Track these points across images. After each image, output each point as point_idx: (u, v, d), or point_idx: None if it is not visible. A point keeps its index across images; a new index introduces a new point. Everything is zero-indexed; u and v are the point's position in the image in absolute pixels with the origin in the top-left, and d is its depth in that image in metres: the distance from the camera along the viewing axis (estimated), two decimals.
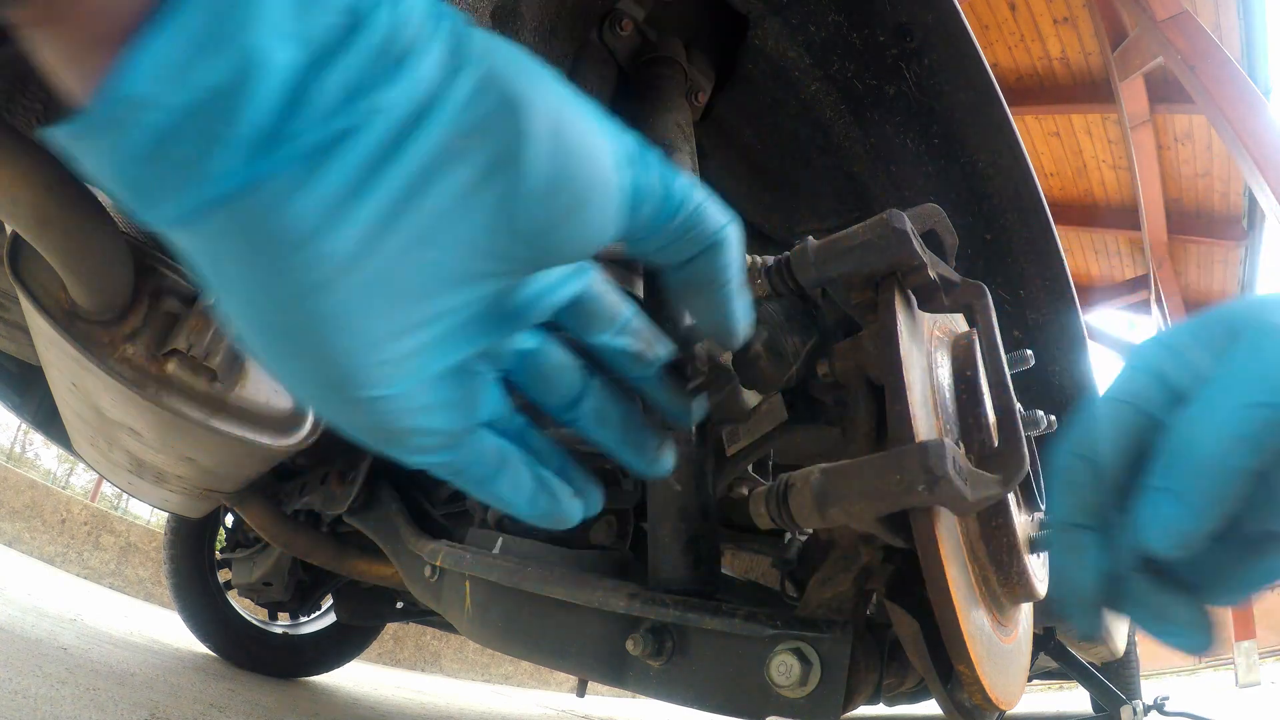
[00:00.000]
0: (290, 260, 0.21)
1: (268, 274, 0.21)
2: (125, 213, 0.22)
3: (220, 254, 0.21)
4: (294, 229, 0.20)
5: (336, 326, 0.22)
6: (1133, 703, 2.01)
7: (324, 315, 0.22)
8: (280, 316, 0.22)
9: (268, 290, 0.22)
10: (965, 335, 0.60)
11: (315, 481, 1.29)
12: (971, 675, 0.48)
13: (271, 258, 0.21)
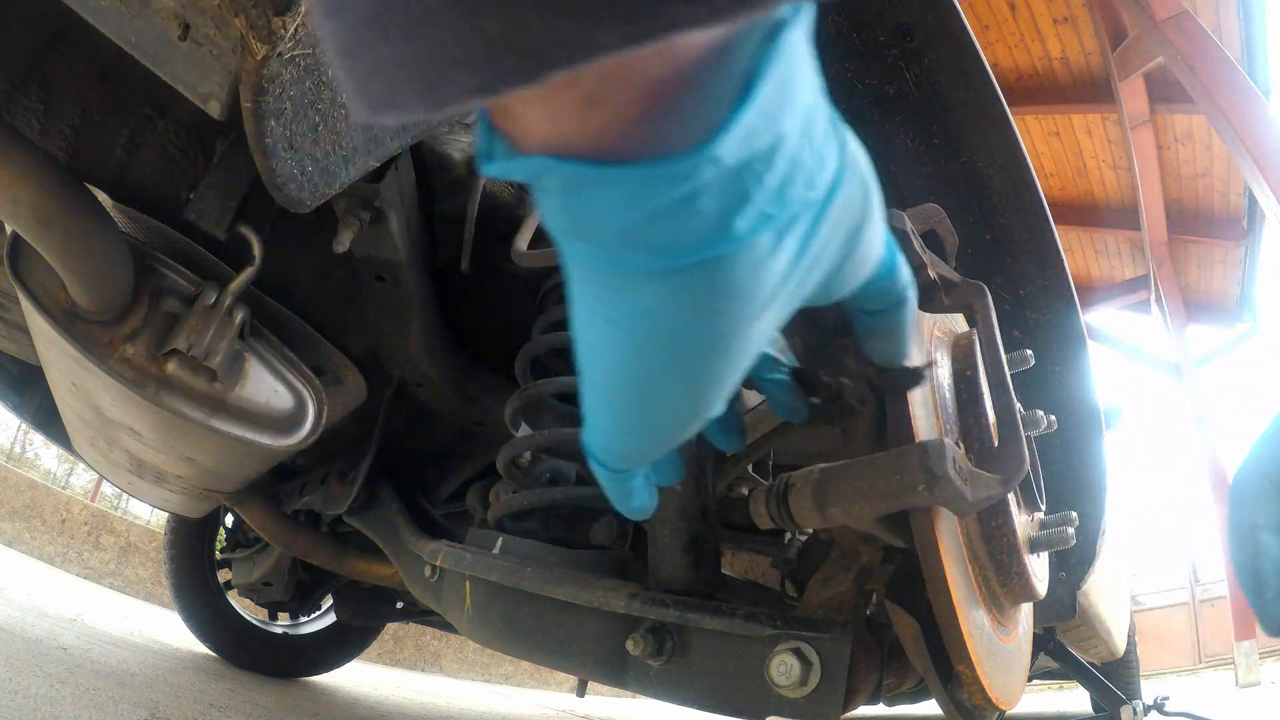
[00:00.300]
0: (734, 308, 0.24)
1: (711, 319, 0.24)
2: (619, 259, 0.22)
3: (679, 300, 0.23)
4: (752, 284, 0.23)
5: (738, 361, 0.26)
6: (1133, 703, 2.01)
7: (737, 353, 0.26)
8: (701, 357, 0.25)
9: (703, 332, 0.24)
10: (965, 335, 0.60)
11: (315, 481, 1.29)
12: (971, 675, 0.48)
13: (723, 305, 0.23)
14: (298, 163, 0.51)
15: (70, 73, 0.76)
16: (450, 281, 1.00)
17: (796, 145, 0.22)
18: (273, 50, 0.43)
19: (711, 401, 0.28)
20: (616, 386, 0.28)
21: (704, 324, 0.24)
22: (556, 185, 0.20)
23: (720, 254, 0.22)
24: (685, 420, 0.29)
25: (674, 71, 0.18)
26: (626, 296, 0.23)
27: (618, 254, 0.22)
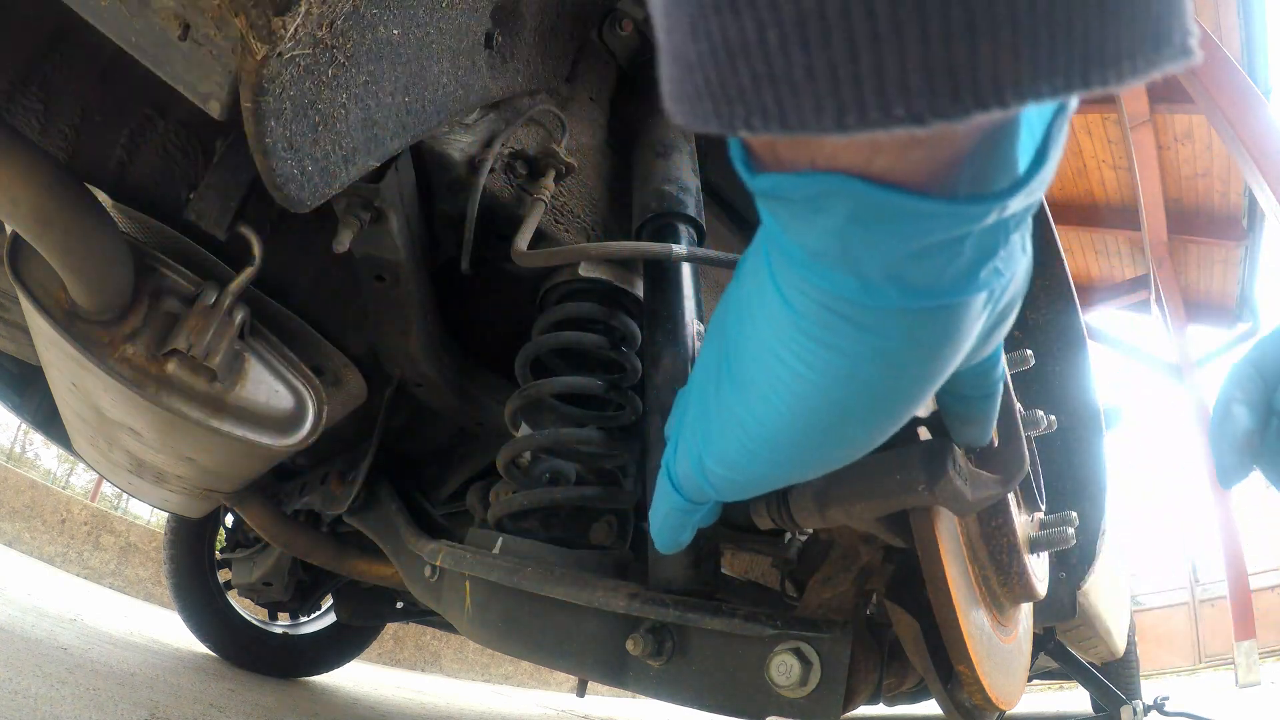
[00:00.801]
0: (950, 354, 0.25)
1: (930, 361, 0.25)
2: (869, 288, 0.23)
3: (915, 338, 0.24)
4: (968, 334, 0.25)
5: (920, 404, 0.27)
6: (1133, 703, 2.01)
7: (922, 397, 0.27)
8: (903, 394, 0.26)
9: (918, 372, 0.25)
10: None
11: (315, 481, 1.29)
12: (971, 675, 0.48)
13: (945, 349, 0.25)
14: (298, 163, 0.51)
15: (70, 73, 0.76)
16: (450, 281, 1.00)
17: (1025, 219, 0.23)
18: (273, 50, 0.43)
19: (877, 440, 0.29)
20: (802, 418, 0.27)
21: (925, 361, 0.25)
22: (843, 208, 0.20)
23: (961, 300, 0.23)
24: (842, 458, 0.30)
25: (1001, 125, 0.19)
26: (862, 328, 0.23)
27: (877, 286, 0.22)
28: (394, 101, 0.57)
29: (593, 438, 0.83)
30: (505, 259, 0.89)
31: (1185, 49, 0.15)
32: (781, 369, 0.26)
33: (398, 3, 0.52)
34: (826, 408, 0.26)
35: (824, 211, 0.21)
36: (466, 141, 0.81)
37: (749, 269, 0.28)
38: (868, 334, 0.23)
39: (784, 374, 0.26)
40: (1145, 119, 5.99)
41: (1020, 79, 0.14)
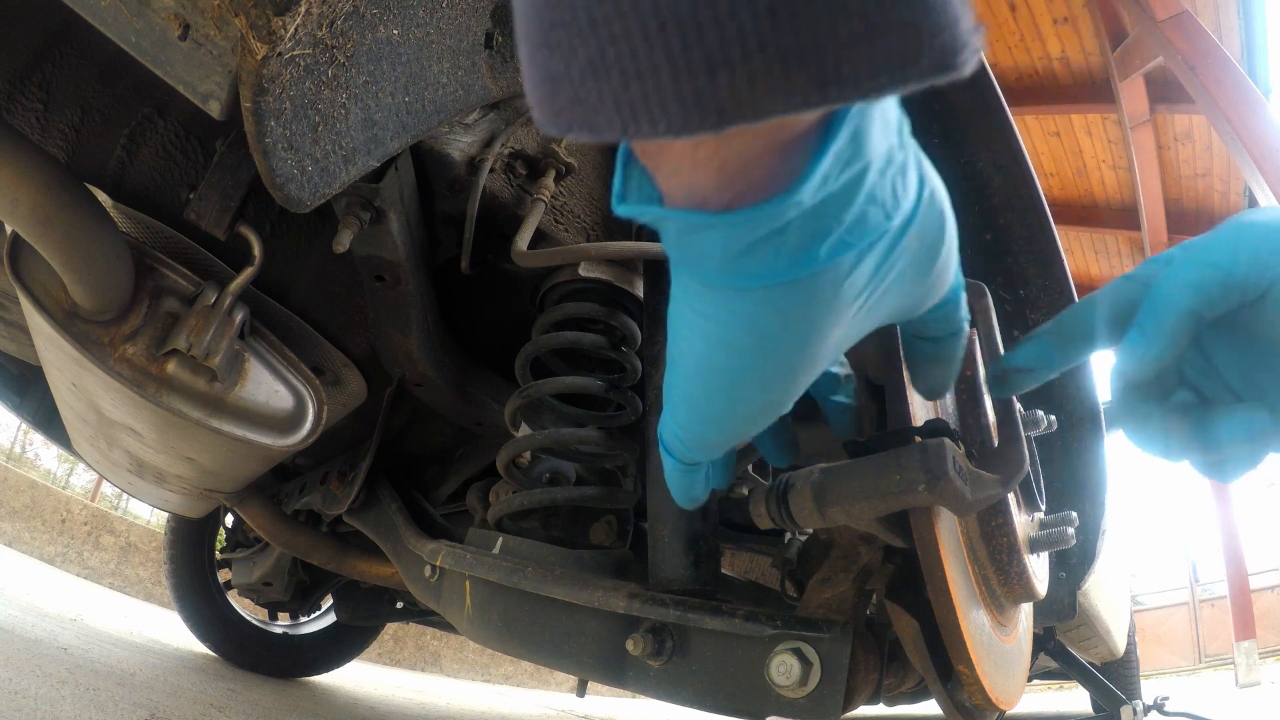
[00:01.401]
0: (814, 317, 0.28)
1: (793, 325, 0.28)
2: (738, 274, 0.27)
3: (768, 309, 0.27)
4: (833, 297, 0.27)
5: (813, 364, 0.31)
6: (1133, 703, 2.01)
7: (812, 357, 0.30)
8: (781, 356, 0.29)
9: (786, 335, 0.28)
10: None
11: (315, 481, 1.29)
12: (971, 675, 0.48)
13: (805, 314, 0.28)
14: (298, 163, 0.51)
15: (70, 73, 0.76)
16: (450, 281, 1.00)
17: (874, 183, 0.26)
18: (273, 50, 0.43)
19: (784, 399, 0.33)
20: (705, 378, 0.32)
21: (787, 329, 0.28)
22: (671, 229, 0.25)
23: (804, 275, 0.26)
24: (758, 413, 0.33)
25: (773, 138, 0.22)
26: (723, 304, 0.28)
27: (718, 277, 0.26)
28: (394, 101, 0.57)
29: (593, 438, 0.83)
30: (505, 259, 0.89)
31: (942, 65, 0.18)
32: (683, 340, 0.31)
33: (398, 3, 0.52)
34: (720, 370, 0.31)
35: (663, 231, 0.26)
36: (466, 141, 0.81)
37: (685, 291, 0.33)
38: (725, 305, 0.28)
39: (684, 344, 0.31)
40: (1145, 119, 5.99)
41: (759, 101, 0.17)
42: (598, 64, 0.18)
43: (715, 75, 0.17)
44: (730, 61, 0.17)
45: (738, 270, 0.26)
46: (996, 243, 0.87)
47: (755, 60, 0.17)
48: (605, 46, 0.17)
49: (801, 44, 0.17)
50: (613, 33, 0.17)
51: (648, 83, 0.17)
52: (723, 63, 0.17)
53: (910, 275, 0.31)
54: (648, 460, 0.75)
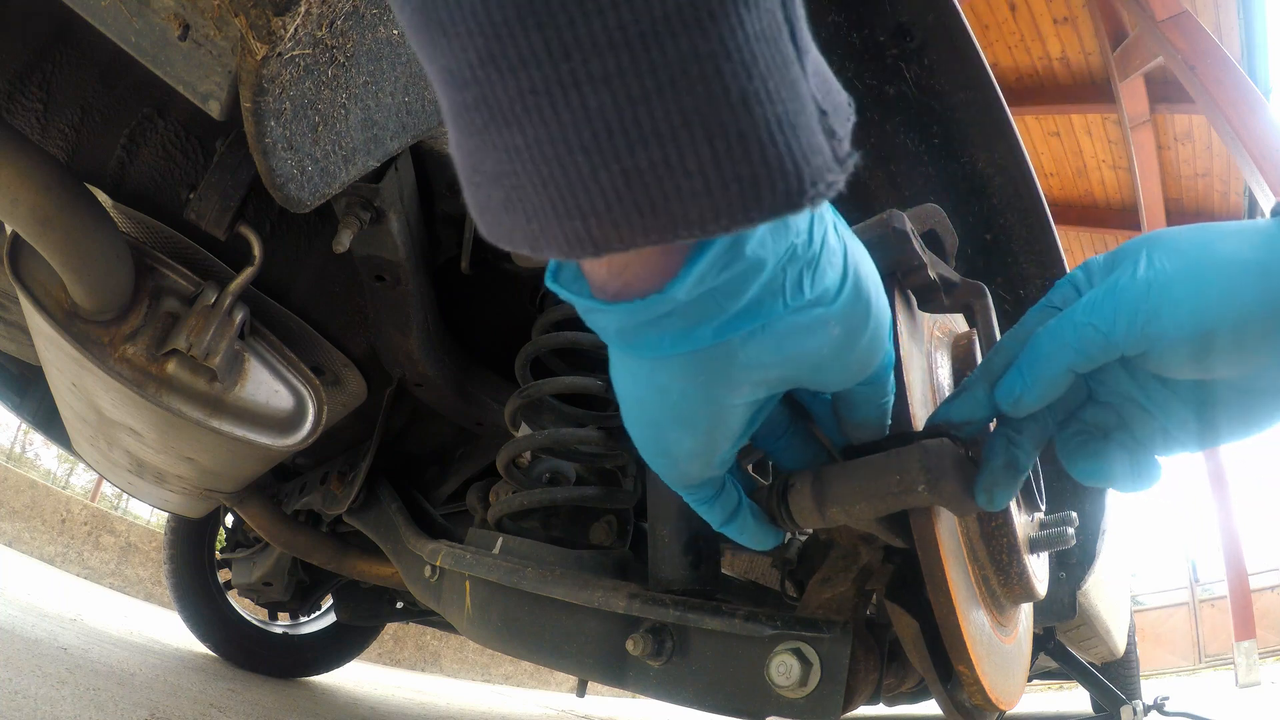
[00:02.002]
0: (705, 379, 0.32)
1: (689, 384, 0.33)
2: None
3: (663, 372, 0.32)
4: (727, 366, 0.32)
5: (719, 417, 0.35)
6: (1133, 703, 2.01)
7: (714, 411, 0.34)
8: (688, 411, 0.34)
9: (689, 397, 0.33)
10: (965, 335, 0.60)
11: (315, 481, 1.29)
12: (971, 675, 0.48)
13: (696, 377, 0.32)
14: (297, 163, 0.51)
15: (70, 73, 0.76)
16: (450, 281, 1.00)
17: (771, 276, 0.30)
18: (273, 50, 0.43)
19: (711, 446, 0.37)
20: (636, 425, 0.37)
21: (686, 390, 0.33)
22: (583, 309, 0.30)
23: (689, 350, 0.31)
24: (692, 455, 0.37)
25: (651, 250, 0.27)
26: (630, 365, 0.33)
27: (620, 345, 0.32)
28: (394, 101, 0.57)
29: (593, 438, 0.83)
30: (505, 259, 0.89)
31: (785, 207, 0.21)
32: (619, 391, 0.36)
33: None
34: (643, 420, 0.36)
35: (580, 310, 0.31)
36: None
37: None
38: (635, 369, 0.33)
39: (620, 395, 0.36)
40: (1145, 119, 5.99)
41: (623, 238, 0.22)
42: (507, 204, 0.23)
43: (586, 220, 0.21)
44: (597, 211, 0.21)
45: (631, 344, 0.31)
46: (996, 243, 0.87)
47: (616, 210, 0.21)
48: (509, 193, 0.22)
49: (651, 198, 0.20)
50: (513, 184, 0.22)
51: (540, 222, 0.22)
52: (591, 212, 0.21)
53: (830, 352, 0.35)
54: None
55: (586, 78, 0.19)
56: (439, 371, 1.03)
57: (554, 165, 0.20)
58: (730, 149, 0.20)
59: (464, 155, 0.23)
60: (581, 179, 0.20)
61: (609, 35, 0.19)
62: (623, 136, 0.20)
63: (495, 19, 0.19)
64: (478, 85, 0.20)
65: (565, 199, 0.21)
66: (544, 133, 0.20)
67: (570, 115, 0.20)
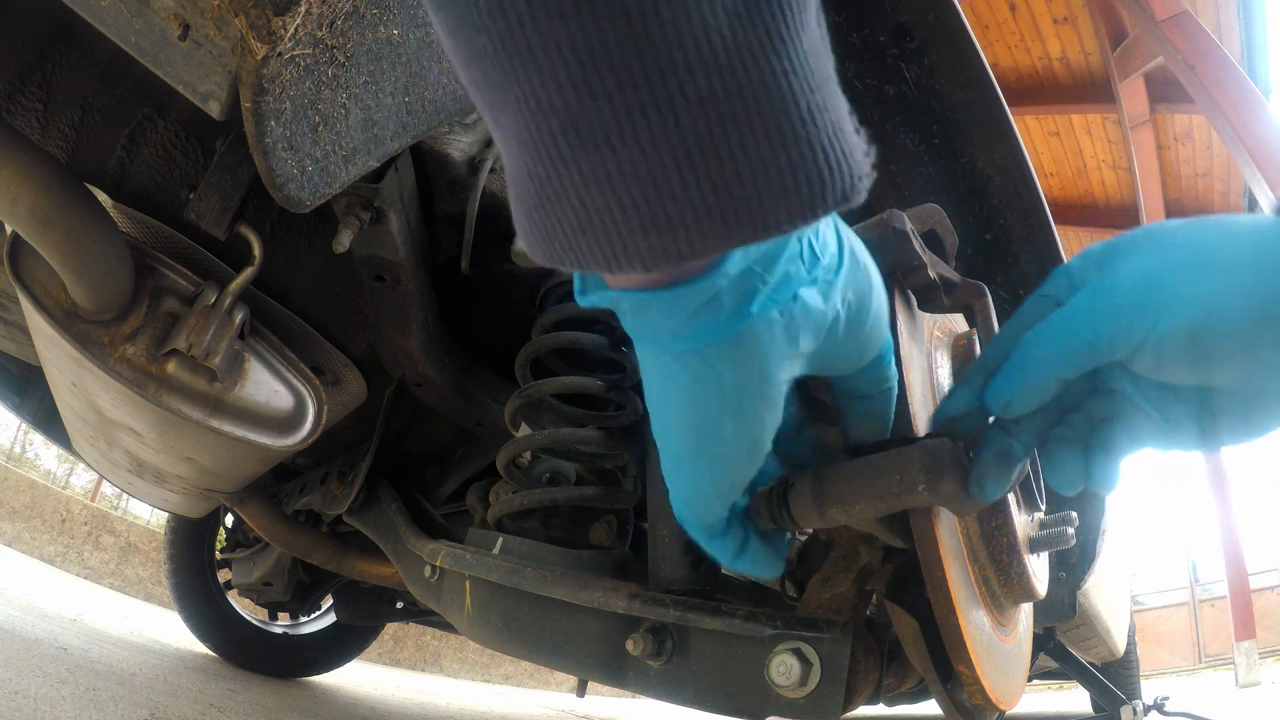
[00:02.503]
0: (759, 361, 0.33)
1: (744, 369, 0.33)
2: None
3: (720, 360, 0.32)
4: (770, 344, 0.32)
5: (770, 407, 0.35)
6: (1133, 703, 2.01)
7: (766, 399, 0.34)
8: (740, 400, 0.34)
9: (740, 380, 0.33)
10: (965, 335, 0.60)
11: (315, 481, 1.29)
12: (971, 675, 0.48)
13: (751, 359, 0.32)
14: (297, 163, 0.51)
15: (70, 73, 0.76)
16: (450, 281, 1.00)
17: (791, 247, 0.31)
18: (273, 50, 0.43)
19: (755, 439, 0.36)
20: (684, 436, 0.36)
21: (741, 376, 0.33)
22: (626, 309, 0.31)
23: (743, 328, 0.31)
24: (739, 456, 0.37)
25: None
26: (684, 366, 0.33)
27: (673, 342, 0.32)
28: (394, 101, 0.57)
29: (593, 438, 0.83)
30: (505, 259, 0.89)
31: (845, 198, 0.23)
32: (657, 407, 0.36)
33: (398, 3, 0.52)
34: (694, 420, 0.35)
35: (621, 313, 0.31)
36: (466, 141, 0.81)
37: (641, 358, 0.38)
38: (691, 367, 0.33)
39: (660, 410, 0.36)
40: (1145, 119, 5.99)
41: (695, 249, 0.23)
42: (584, 226, 0.23)
43: (675, 233, 0.23)
44: (687, 224, 0.22)
45: (686, 334, 0.31)
46: (996, 243, 0.87)
47: (705, 222, 0.22)
48: (591, 215, 0.23)
49: (737, 206, 0.22)
50: (597, 206, 0.23)
51: (624, 239, 0.23)
52: (681, 225, 0.22)
53: (846, 327, 0.36)
54: (648, 460, 0.75)
55: (682, 100, 0.21)
56: (439, 371, 1.03)
57: (647, 184, 0.22)
58: (802, 155, 0.22)
59: (536, 183, 0.23)
60: (673, 195, 0.22)
61: (702, 59, 0.20)
62: (713, 152, 0.21)
63: (594, 46, 0.20)
64: (568, 111, 0.21)
65: (656, 215, 0.22)
66: (638, 154, 0.21)
67: (665, 136, 0.21)
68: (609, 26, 0.20)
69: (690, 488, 0.39)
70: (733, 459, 0.37)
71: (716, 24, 0.20)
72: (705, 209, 0.22)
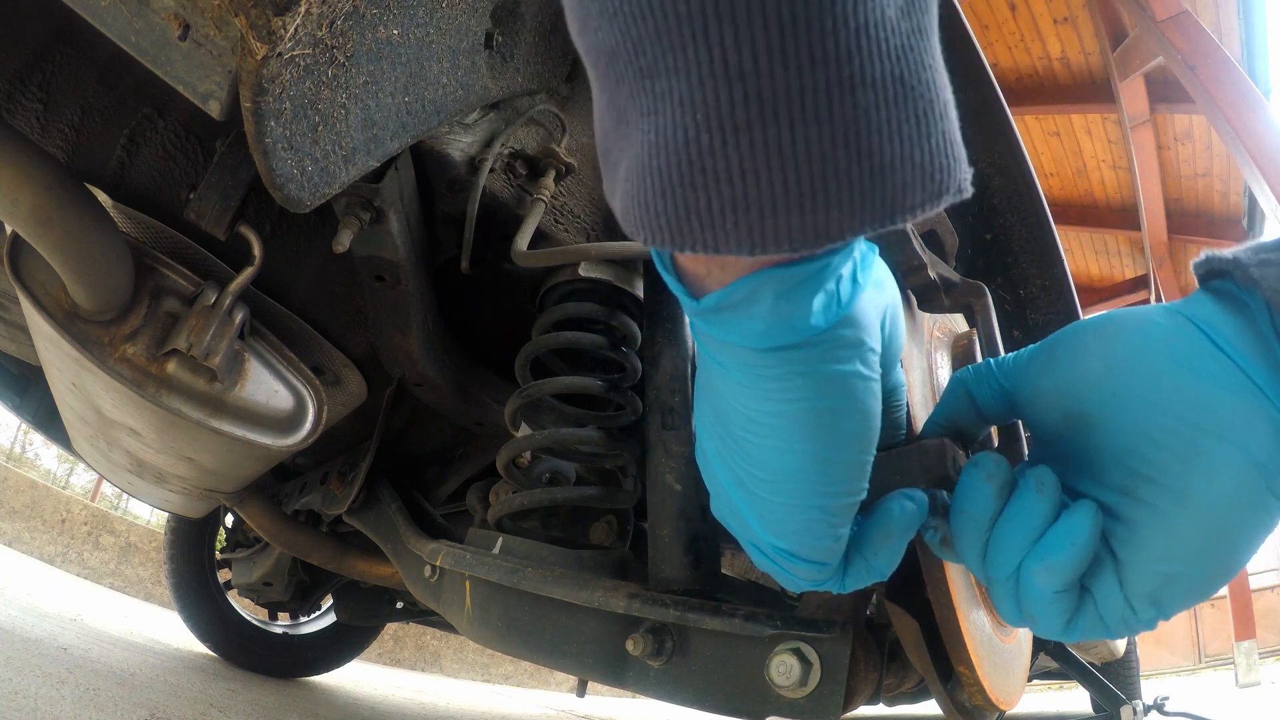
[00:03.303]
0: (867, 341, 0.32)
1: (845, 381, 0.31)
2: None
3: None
4: (866, 333, 0.32)
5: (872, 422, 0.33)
6: (1133, 703, 2.01)
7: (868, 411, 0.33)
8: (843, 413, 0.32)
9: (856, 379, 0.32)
10: (965, 335, 0.60)
11: (315, 481, 1.29)
12: (971, 676, 0.48)
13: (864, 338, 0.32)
14: (297, 163, 0.51)
15: (70, 73, 0.76)
16: (450, 281, 1.00)
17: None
18: (273, 50, 0.43)
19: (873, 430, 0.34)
20: (791, 459, 0.33)
21: (856, 376, 0.32)
22: (771, 290, 0.29)
23: (840, 318, 0.30)
24: (848, 477, 0.34)
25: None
26: (813, 369, 0.31)
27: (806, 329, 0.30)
28: (394, 101, 0.57)
29: (593, 438, 0.83)
30: (505, 259, 0.89)
31: (960, 189, 0.24)
32: (752, 436, 0.33)
33: (398, 3, 0.52)
34: (802, 441, 0.32)
35: (757, 300, 0.29)
36: (466, 141, 0.81)
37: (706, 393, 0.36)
38: (816, 372, 0.31)
39: (756, 439, 0.33)
40: (1145, 119, 5.98)
41: (853, 228, 0.23)
42: (735, 203, 0.23)
43: (830, 211, 0.23)
44: (841, 202, 0.22)
45: (765, 332, 0.30)
46: (996, 243, 0.87)
47: (858, 201, 0.22)
48: (747, 190, 0.22)
49: (885, 189, 0.23)
50: (759, 180, 0.22)
51: (777, 218, 0.23)
52: (836, 203, 0.22)
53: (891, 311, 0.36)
54: (648, 460, 0.75)
55: (860, 80, 0.21)
56: (439, 371, 1.03)
57: (816, 161, 0.22)
58: (938, 145, 0.23)
59: (694, 154, 0.23)
60: (836, 173, 0.22)
61: (879, 44, 0.21)
62: (877, 134, 0.22)
63: (798, 16, 0.20)
64: (758, 78, 0.21)
65: (817, 193, 0.22)
66: (815, 129, 0.21)
67: (841, 114, 0.21)
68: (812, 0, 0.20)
69: (798, 516, 0.34)
70: (857, 468, 0.34)
71: (891, 14, 0.22)
72: (860, 189, 0.22)
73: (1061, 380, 0.38)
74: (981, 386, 0.42)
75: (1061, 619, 0.36)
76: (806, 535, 0.35)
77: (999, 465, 0.37)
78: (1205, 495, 0.32)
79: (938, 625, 0.47)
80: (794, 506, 0.34)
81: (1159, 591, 0.34)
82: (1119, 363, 0.36)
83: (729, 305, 0.29)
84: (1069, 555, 0.34)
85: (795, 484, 0.33)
